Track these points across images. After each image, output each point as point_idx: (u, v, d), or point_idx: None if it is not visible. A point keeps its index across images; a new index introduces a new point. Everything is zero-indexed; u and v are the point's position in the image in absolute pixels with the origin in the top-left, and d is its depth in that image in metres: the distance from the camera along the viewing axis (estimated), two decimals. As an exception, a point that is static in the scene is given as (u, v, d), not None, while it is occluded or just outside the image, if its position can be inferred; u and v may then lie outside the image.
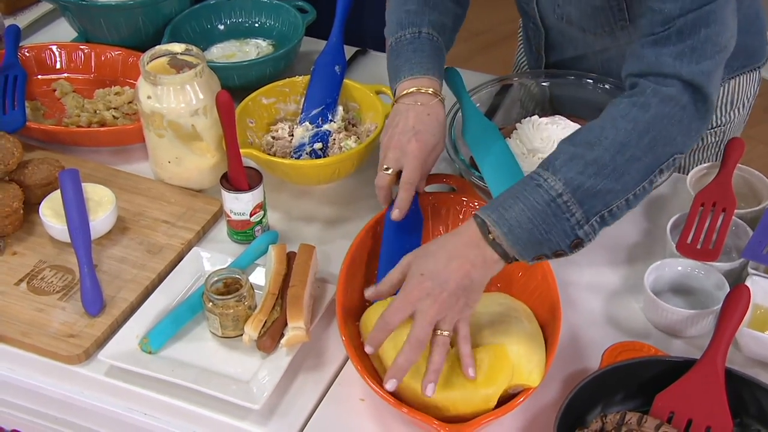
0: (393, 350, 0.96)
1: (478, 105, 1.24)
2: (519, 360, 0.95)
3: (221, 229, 1.22)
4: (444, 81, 1.18)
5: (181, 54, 1.23)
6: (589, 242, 0.95)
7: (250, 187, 1.15)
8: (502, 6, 1.42)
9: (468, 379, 0.93)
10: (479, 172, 1.14)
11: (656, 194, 1.23)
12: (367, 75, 1.49)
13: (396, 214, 1.09)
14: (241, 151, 1.17)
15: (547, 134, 1.18)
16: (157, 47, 1.23)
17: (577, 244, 0.94)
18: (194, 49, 1.23)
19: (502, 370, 0.93)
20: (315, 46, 1.46)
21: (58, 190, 1.17)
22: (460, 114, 1.22)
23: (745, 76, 1.31)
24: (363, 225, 1.13)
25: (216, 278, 1.06)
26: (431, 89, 1.11)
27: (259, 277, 1.13)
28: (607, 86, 1.26)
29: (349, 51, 1.53)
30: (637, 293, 1.10)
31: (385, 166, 1.09)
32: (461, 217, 1.16)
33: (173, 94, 1.18)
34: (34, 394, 1.08)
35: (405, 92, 1.11)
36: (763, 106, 2.73)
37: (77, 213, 1.13)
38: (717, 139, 1.35)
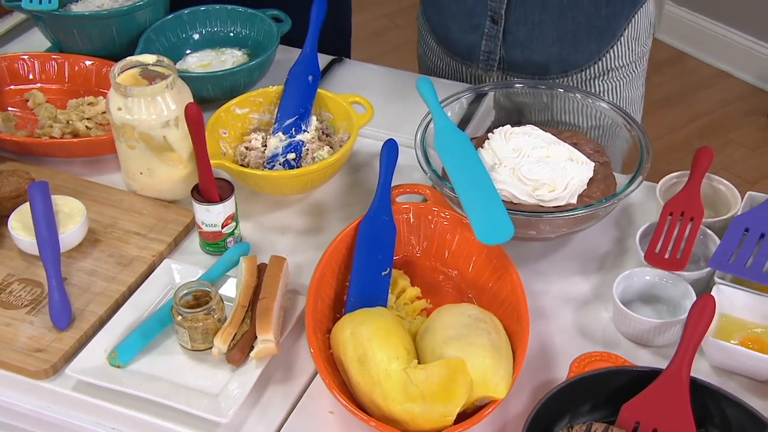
0: (358, 363, 0.96)
1: (450, 114, 1.24)
2: (485, 372, 0.95)
3: (193, 241, 1.22)
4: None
5: (152, 65, 1.22)
6: None
7: (221, 199, 1.15)
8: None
9: (425, 394, 0.93)
10: (451, 183, 1.14)
11: (627, 203, 1.24)
12: (343, 84, 1.49)
13: None
14: (212, 162, 1.16)
15: (518, 144, 1.18)
16: (128, 58, 1.22)
17: None
18: (165, 60, 1.22)
19: (458, 386, 0.93)
20: (292, 54, 1.46)
21: (28, 203, 1.16)
22: (431, 126, 1.22)
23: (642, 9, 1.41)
24: (336, 236, 1.13)
25: (185, 291, 1.06)
26: None
27: (230, 289, 1.13)
28: (578, 95, 1.27)
29: (326, 59, 1.53)
30: (607, 303, 1.11)
31: None
32: (432, 227, 1.16)
33: (144, 106, 1.18)
34: (2, 409, 1.07)
35: None
36: (744, 109, 2.77)
37: (46, 226, 1.13)
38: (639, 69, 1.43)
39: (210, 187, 1.15)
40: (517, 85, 1.30)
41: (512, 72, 1.41)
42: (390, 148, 1.20)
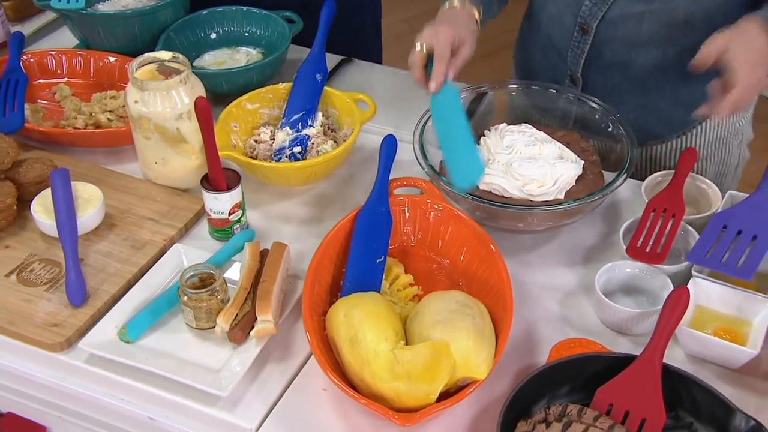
0: (350, 343, 1.02)
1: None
2: (468, 354, 1.00)
3: (203, 227, 1.29)
4: None
5: (168, 61, 1.30)
6: None
7: (229, 188, 1.22)
8: (502, 15, 1.48)
9: (410, 374, 0.98)
10: (446, 177, 1.20)
11: (614, 200, 1.28)
12: (351, 82, 1.55)
13: (432, 86, 1.18)
14: (221, 153, 1.24)
15: (511, 141, 1.24)
16: (146, 55, 1.30)
17: None
18: (180, 56, 1.30)
19: (441, 366, 0.98)
20: (304, 54, 1.52)
21: (50, 188, 1.24)
22: (430, 123, 1.28)
23: None
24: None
25: (191, 273, 1.13)
26: (466, 3, 1.24)
27: (235, 272, 1.19)
28: (570, 96, 1.32)
29: (336, 59, 1.60)
30: (590, 293, 1.16)
31: (417, 43, 1.20)
32: (427, 218, 1.22)
33: (159, 99, 1.25)
34: (23, 380, 1.15)
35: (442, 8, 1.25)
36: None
37: (65, 210, 1.21)
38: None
39: (218, 177, 1.22)
40: (512, 85, 1.35)
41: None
42: (389, 143, 1.26)
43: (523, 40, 1.47)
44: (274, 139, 1.36)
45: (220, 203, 1.23)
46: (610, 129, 1.27)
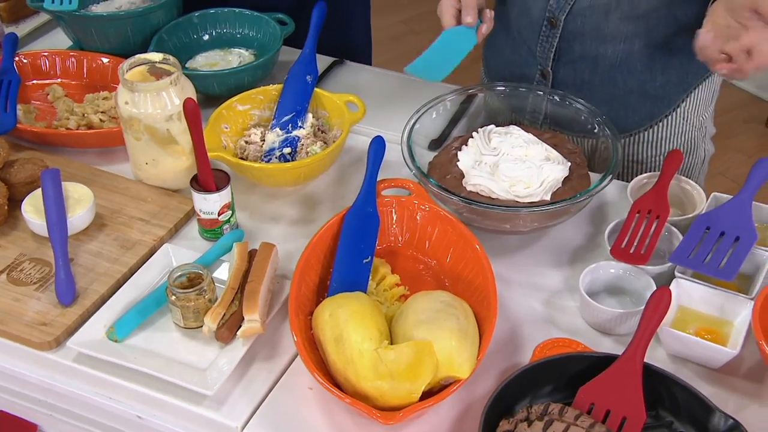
0: (335, 342, 1.03)
1: (435, 115, 1.31)
2: (451, 353, 1.01)
3: (193, 227, 1.30)
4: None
5: (159, 63, 1.31)
6: None
7: (218, 189, 1.23)
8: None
9: (393, 373, 0.99)
10: (435, 179, 1.21)
11: (601, 201, 1.29)
12: (342, 84, 1.56)
13: (469, 20, 1.29)
14: (211, 154, 1.25)
15: (498, 143, 1.24)
16: (137, 56, 1.31)
17: None
18: (171, 58, 1.31)
19: (424, 366, 0.99)
20: (295, 56, 1.54)
21: (41, 188, 1.25)
22: (418, 125, 1.29)
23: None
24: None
25: (179, 273, 1.14)
26: None
27: (223, 272, 1.20)
28: (556, 98, 1.33)
29: (327, 61, 1.61)
30: (575, 293, 1.16)
31: None
32: (414, 219, 1.23)
33: (149, 100, 1.26)
34: (12, 378, 1.16)
35: None
36: (743, 117, 2.81)
37: (55, 210, 1.22)
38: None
39: (207, 178, 1.23)
40: (499, 87, 1.36)
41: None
42: (377, 144, 1.27)
43: (492, 39, 1.50)
44: (264, 141, 1.37)
45: (209, 204, 1.24)
46: (595, 130, 1.29)
